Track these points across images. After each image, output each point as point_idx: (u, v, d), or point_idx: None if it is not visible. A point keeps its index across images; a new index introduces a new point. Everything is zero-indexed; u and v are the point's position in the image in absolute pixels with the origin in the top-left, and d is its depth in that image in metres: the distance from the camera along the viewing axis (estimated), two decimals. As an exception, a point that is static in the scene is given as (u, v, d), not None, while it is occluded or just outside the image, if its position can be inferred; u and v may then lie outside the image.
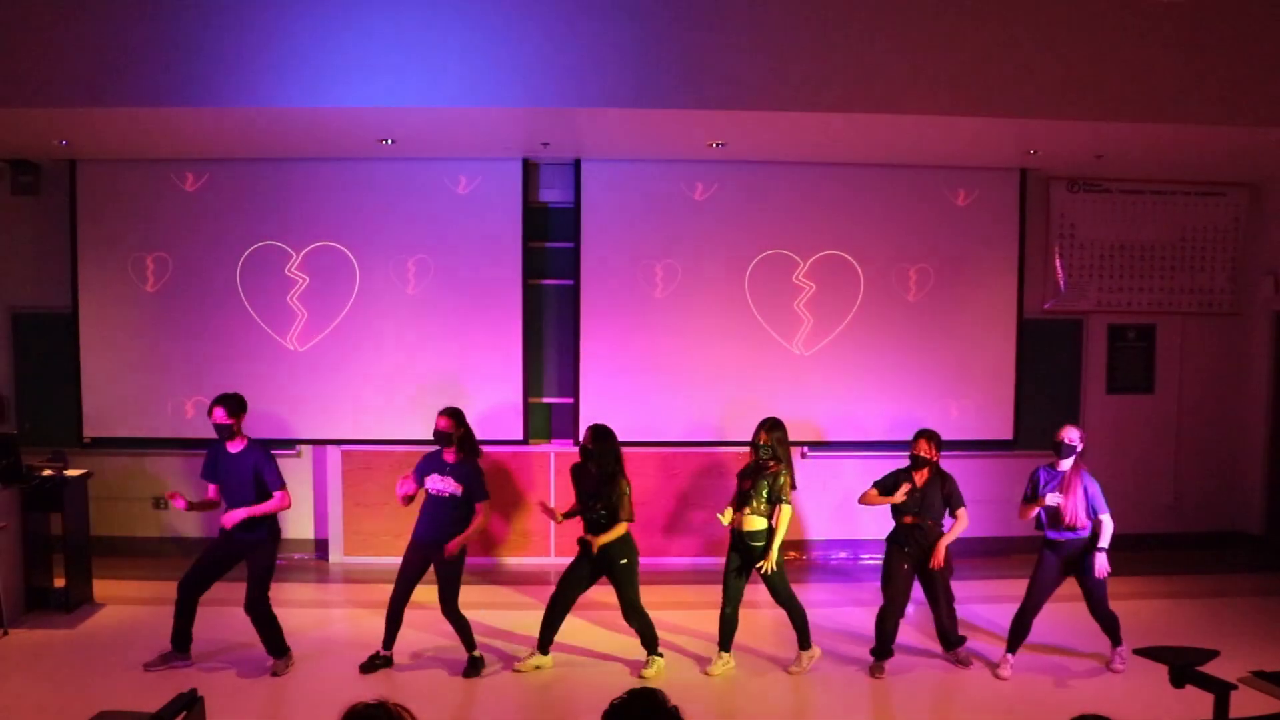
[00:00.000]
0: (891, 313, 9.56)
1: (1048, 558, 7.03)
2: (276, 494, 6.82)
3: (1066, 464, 6.94)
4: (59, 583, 8.03)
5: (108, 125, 7.86)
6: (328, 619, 8.01)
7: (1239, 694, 4.65)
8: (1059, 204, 9.87)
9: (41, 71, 7.07)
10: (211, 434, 6.96)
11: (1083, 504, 6.87)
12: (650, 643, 6.95)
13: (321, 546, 9.48)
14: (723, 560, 7.36)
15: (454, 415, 6.96)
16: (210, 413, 6.81)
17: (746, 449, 9.29)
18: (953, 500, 7.09)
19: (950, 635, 7.19)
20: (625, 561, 6.86)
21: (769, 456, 6.92)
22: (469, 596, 6.99)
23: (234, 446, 6.88)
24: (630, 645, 7.08)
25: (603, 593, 7.15)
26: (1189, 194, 9.99)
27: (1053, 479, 6.95)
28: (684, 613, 8.09)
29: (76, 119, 7.66)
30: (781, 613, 7.05)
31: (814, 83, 7.25)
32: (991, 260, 9.63)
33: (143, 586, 8.59)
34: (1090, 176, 9.83)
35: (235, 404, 6.85)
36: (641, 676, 6.83)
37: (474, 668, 6.86)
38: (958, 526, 7.07)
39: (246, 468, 6.83)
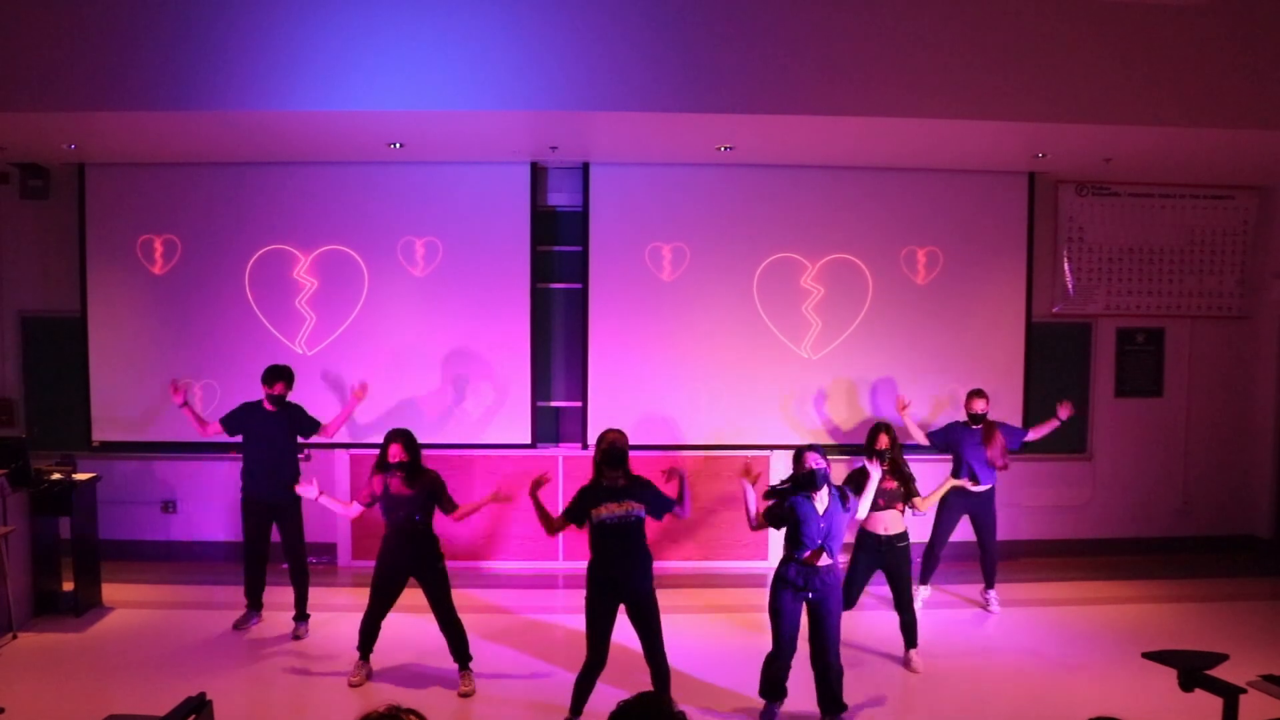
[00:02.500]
0: (899, 316, 9.55)
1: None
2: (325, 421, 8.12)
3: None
4: (68, 586, 8.06)
5: (116, 129, 7.89)
6: (336, 623, 8.00)
7: (1248, 698, 4.64)
8: (1067, 207, 9.86)
9: (50, 75, 7.09)
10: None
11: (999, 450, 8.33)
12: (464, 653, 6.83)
13: (329, 550, 9.48)
14: (729, 563, 7.29)
15: None
16: (272, 384, 7.75)
17: (756, 453, 9.38)
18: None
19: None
20: (441, 565, 6.81)
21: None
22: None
23: (271, 408, 7.80)
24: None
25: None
26: (1198, 197, 9.97)
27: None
28: (682, 616, 8.09)
29: (85, 123, 7.68)
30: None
31: (822, 87, 7.25)
32: (1000, 264, 9.62)
33: (152, 590, 8.62)
34: (1099, 180, 9.82)
35: (292, 377, 7.93)
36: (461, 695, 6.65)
37: None
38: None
39: (284, 419, 7.84)
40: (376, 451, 6.88)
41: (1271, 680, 4.95)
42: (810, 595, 6.08)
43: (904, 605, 7.17)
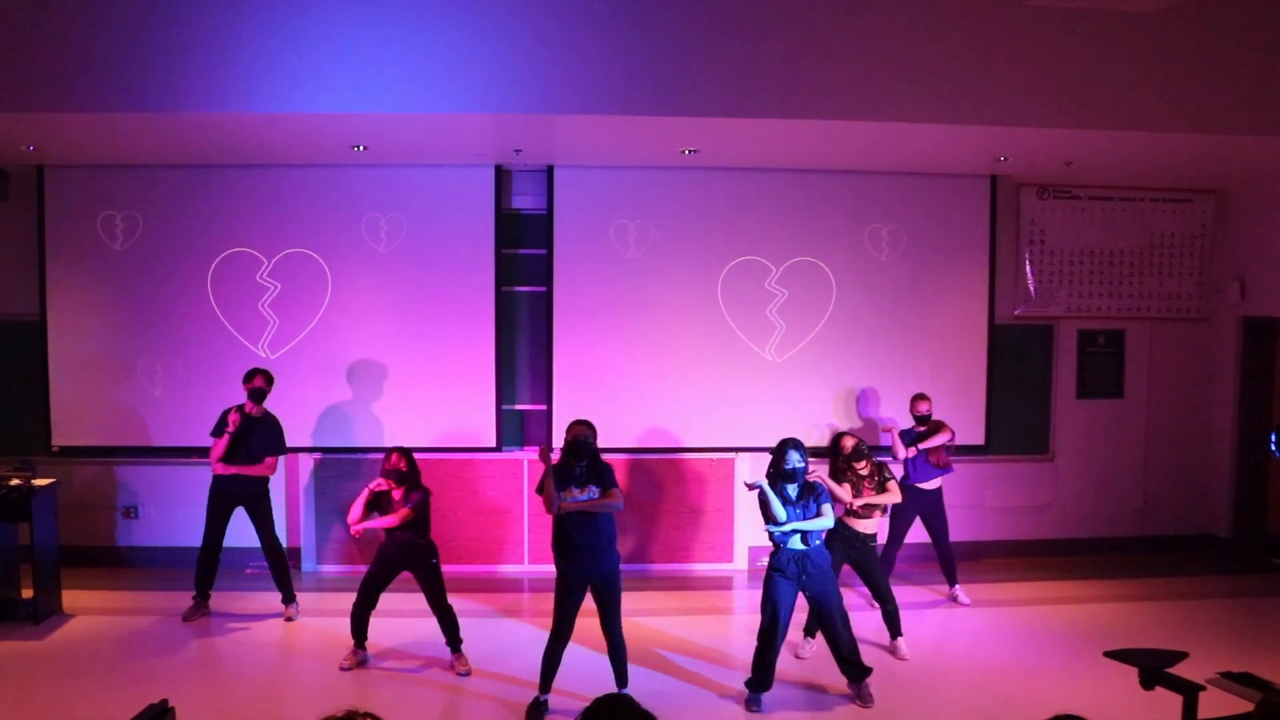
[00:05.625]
0: (863, 320, 9.59)
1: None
2: (269, 460, 8.14)
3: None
4: (27, 594, 7.94)
5: (76, 130, 7.79)
6: (299, 628, 7.95)
7: (1207, 695, 4.69)
8: (1029, 210, 9.95)
9: (7, 76, 6.98)
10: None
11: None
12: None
13: (293, 555, 9.39)
14: (694, 566, 7.32)
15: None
16: (251, 379, 8.05)
17: (720, 455, 9.41)
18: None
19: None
20: (435, 560, 7.22)
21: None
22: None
23: (256, 411, 8.06)
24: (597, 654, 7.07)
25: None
26: (1157, 200, 10.09)
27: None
28: (647, 620, 8.10)
29: (44, 124, 7.57)
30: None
31: (785, 90, 7.26)
32: (962, 266, 9.69)
33: (113, 597, 8.53)
34: (1060, 183, 9.91)
35: (270, 376, 8.18)
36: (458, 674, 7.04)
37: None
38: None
39: (261, 428, 8.06)
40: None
41: (1230, 677, 5.00)
42: (805, 586, 6.49)
43: (884, 597, 7.43)
